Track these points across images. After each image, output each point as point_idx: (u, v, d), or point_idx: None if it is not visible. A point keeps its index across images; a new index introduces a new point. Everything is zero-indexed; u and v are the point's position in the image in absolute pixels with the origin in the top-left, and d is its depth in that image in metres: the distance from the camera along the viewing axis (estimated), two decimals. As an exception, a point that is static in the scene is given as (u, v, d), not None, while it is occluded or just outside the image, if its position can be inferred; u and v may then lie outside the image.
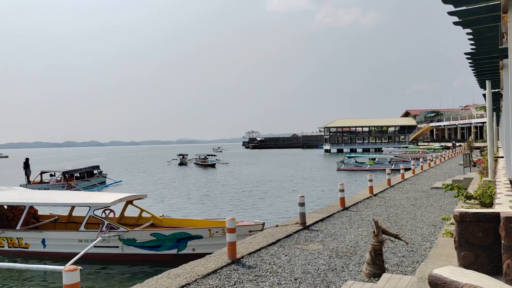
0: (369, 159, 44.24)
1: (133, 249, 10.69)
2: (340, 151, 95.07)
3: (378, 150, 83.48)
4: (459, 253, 4.56)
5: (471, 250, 4.48)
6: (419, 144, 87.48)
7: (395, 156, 44.33)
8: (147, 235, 10.70)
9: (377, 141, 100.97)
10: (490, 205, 7.86)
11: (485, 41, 7.63)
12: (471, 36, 7.49)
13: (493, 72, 9.94)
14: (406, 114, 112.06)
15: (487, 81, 11.07)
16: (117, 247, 10.69)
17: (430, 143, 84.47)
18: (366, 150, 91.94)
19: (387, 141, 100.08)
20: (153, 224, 12.20)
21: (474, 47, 8.24)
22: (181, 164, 66.25)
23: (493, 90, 11.97)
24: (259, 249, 8.09)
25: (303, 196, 10.15)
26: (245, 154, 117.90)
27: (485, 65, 9.29)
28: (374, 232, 6.37)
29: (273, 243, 8.54)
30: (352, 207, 12.90)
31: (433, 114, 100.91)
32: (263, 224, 10.58)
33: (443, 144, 74.51)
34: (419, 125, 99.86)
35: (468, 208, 7.08)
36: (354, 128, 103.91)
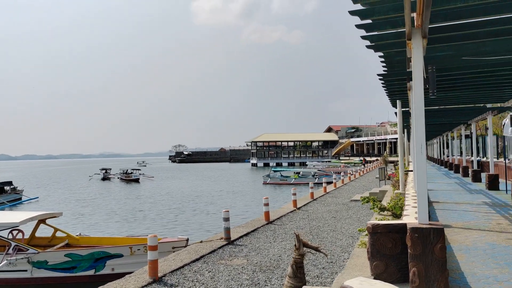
0: (294, 173, 45.52)
1: (44, 272, 9.89)
2: (266, 165, 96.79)
3: (303, 164, 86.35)
4: (371, 263, 4.82)
5: (382, 260, 4.75)
6: (340, 158, 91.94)
7: (318, 170, 46.17)
8: (61, 256, 9.97)
9: (302, 155, 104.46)
10: (401, 216, 8.45)
11: (394, 64, 8.25)
12: (382, 59, 8.08)
13: (403, 93, 10.78)
14: (329, 130, 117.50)
15: (397, 101, 11.98)
16: (26, 270, 9.81)
17: (351, 158, 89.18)
18: (291, 164, 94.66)
19: (311, 155, 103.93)
20: (68, 244, 11.40)
21: (385, 69, 8.89)
22: (104, 179, 63.15)
23: (403, 109, 12.97)
24: (182, 266, 7.90)
25: (228, 211, 10.13)
26: (172, 168, 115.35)
27: (395, 86, 10.04)
28: (295, 245, 6.50)
29: (197, 260, 8.39)
30: (276, 220, 13.12)
31: (353, 130, 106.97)
32: (187, 240, 10.37)
33: (362, 158, 78.99)
34: (340, 140, 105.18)
35: (382, 219, 7.54)
36: (280, 143, 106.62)
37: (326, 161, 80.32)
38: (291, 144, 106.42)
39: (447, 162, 33.80)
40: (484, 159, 23.15)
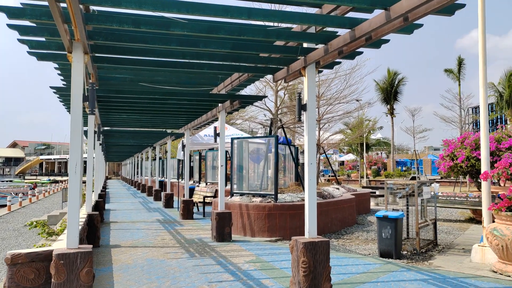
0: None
1: None
2: None
3: (-25, 184, 71.84)
4: (8, 301, 4.14)
5: (21, 294, 4.16)
6: (26, 177, 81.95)
7: (-6, 191, 39.31)
8: None
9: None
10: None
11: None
12: (59, 71, 7.48)
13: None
14: (14, 145, 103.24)
15: (89, 117, 11.48)
16: None
17: (39, 177, 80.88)
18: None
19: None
20: None
21: (64, 82, 8.31)
22: None
23: (85, 128, 12.52)
24: None
25: None
26: None
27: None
28: None
29: None
30: None
31: (44, 147, 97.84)
32: None
33: (52, 178, 73.03)
34: (27, 158, 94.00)
35: (42, 245, 6.80)
36: None
37: (7, 181, 69.64)
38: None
39: (136, 182, 35.41)
40: (167, 179, 25.44)
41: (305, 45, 5.47)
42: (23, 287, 4.16)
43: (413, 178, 30.48)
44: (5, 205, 22.29)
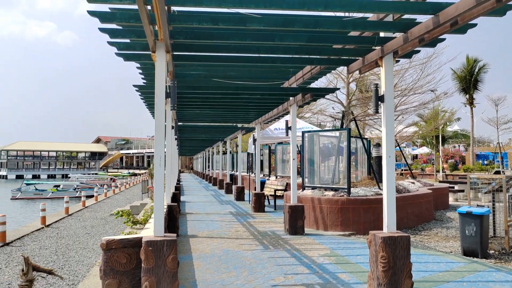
0: (53, 186, 40.95)
1: None
2: (20, 177, 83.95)
3: (66, 177, 78.91)
4: (103, 282, 4.51)
5: (115, 277, 4.51)
6: (109, 171, 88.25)
7: (81, 183, 42.86)
8: None
9: (65, 167, 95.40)
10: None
11: (154, 75, 8.23)
12: (141, 71, 7.96)
13: (163, 106, 10.96)
14: (98, 141, 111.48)
15: (168, 112, 12.09)
16: None
17: (120, 170, 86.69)
18: (52, 177, 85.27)
19: (76, 167, 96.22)
20: None
21: (145, 81, 8.82)
22: None
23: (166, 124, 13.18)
24: None
25: None
26: None
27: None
28: (22, 270, 5.58)
29: None
30: (16, 241, 11.27)
31: (123, 142, 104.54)
32: None
33: (131, 171, 77.85)
34: (110, 152, 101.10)
35: (129, 233, 7.32)
36: (39, 152, 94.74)
37: (92, 174, 75.58)
38: (53, 154, 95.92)
39: (207, 175, 36.64)
40: (237, 173, 26.04)
41: (381, 34, 5.29)
42: (116, 270, 4.52)
43: (497, 173, 28.29)
44: (93, 196, 24.22)
